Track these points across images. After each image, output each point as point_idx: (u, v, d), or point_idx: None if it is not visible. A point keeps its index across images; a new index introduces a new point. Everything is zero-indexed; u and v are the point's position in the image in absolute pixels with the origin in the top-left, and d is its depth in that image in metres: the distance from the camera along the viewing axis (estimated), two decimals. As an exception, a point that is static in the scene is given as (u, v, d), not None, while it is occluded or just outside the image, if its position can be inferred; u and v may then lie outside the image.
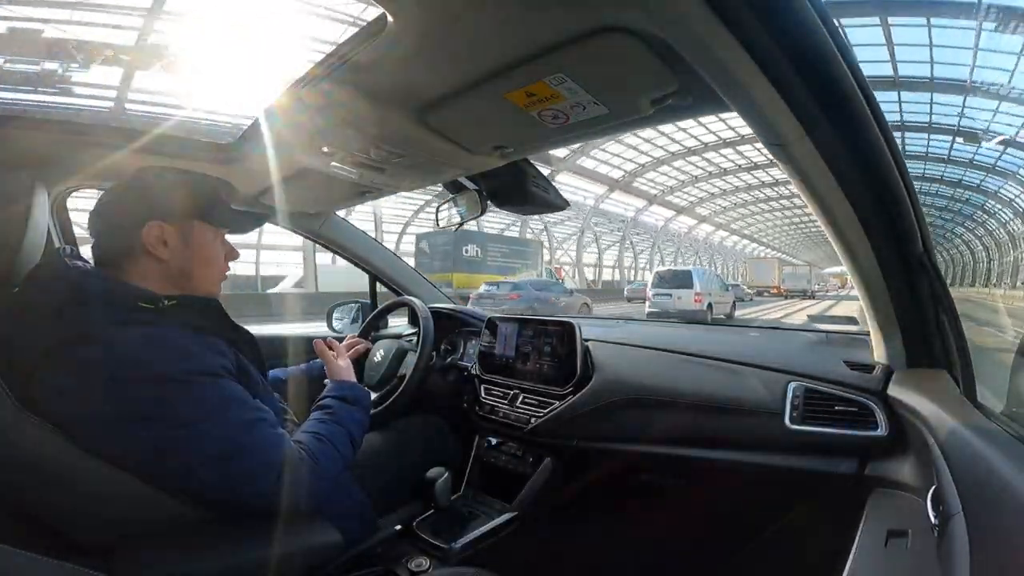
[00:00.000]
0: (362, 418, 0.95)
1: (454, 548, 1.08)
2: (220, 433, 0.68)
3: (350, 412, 0.92)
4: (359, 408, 0.96)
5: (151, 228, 0.76)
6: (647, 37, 0.56)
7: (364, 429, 0.96)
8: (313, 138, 0.92)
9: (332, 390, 0.98)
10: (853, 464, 0.95)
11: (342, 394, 0.96)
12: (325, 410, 0.91)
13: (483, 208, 1.29)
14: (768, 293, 29.38)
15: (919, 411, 0.76)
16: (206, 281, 0.84)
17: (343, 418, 0.90)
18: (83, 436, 0.64)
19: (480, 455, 1.40)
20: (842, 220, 0.77)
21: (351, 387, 1.00)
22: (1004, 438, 0.58)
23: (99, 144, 0.96)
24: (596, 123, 0.78)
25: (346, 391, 0.97)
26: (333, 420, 0.89)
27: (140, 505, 0.67)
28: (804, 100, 0.59)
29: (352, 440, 0.89)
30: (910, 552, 0.66)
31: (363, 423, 0.95)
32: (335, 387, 0.99)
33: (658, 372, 1.22)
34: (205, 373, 0.70)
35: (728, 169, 25.46)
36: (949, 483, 0.57)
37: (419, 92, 0.75)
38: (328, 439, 0.83)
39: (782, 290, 29.61)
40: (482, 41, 0.61)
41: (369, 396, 1.06)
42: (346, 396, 0.96)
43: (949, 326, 0.84)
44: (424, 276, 1.88)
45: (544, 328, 1.34)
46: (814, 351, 1.24)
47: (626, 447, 1.19)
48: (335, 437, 0.85)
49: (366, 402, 1.00)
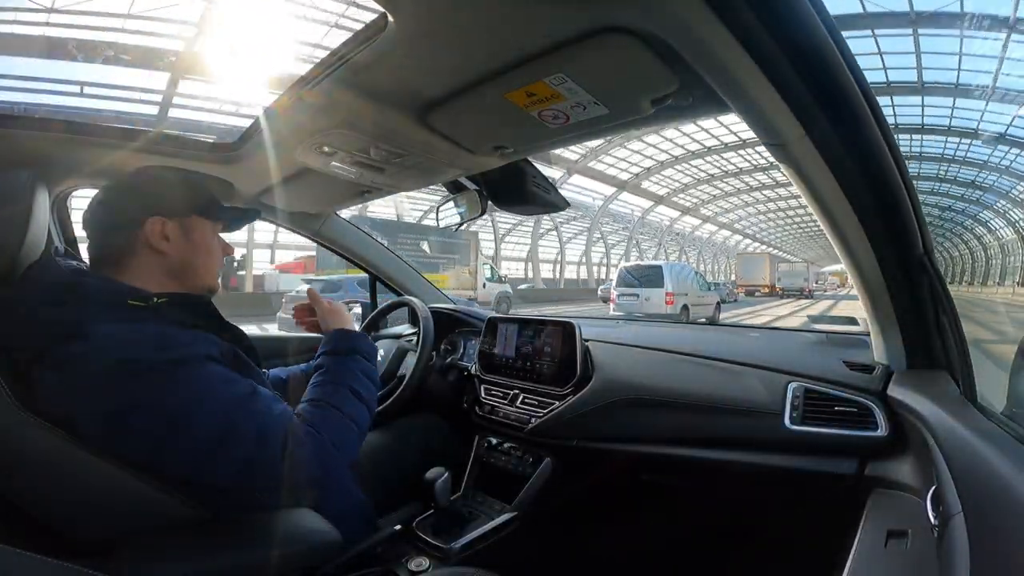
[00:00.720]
0: (363, 367, 0.87)
1: (454, 548, 1.08)
2: (211, 417, 0.67)
3: (344, 364, 0.86)
4: (354, 357, 0.88)
5: (153, 224, 0.77)
6: (647, 37, 0.56)
7: (370, 377, 0.88)
8: (313, 138, 0.92)
9: (323, 345, 0.91)
10: (853, 464, 0.95)
11: (333, 347, 0.89)
12: (319, 371, 0.86)
13: (483, 208, 1.29)
14: (759, 292, 26.82)
15: (919, 412, 0.76)
16: (208, 273, 0.85)
17: (340, 373, 0.84)
18: (78, 433, 0.64)
19: (480, 455, 1.40)
20: (842, 220, 0.77)
21: (341, 336, 0.92)
22: (1004, 439, 0.58)
23: (100, 144, 0.96)
24: (596, 123, 0.78)
25: (336, 342, 0.90)
26: (329, 380, 0.83)
27: (140, 504, 0.67)
28: (804, 100, 0.59)
29: (358, 395, 0.82)
30: (910, 552, 0.66)
31: (366, 371, 0.88)
32: (325, 340, 0.92)
33: (658, 372, 1.23)
34: (189, 359, 0.69)
35: (710, 150, 24.19)
36: (949, 483, 0.57)
37: (419, 92, 0.75)
38: (326, 402, 0.79)
39: (777, 289, 27.15)
40: (482, 41, 0.61)
41: (365, 338, 0.95)
42: (337, 348, 0.89)
43: (949, 326, 0.84)
44: (424, 276, 1.88)
45: (544, 328, 1.34)
46: (814, 351, 1.24)
47: (626, 447, 1.19)
48: (334, 397, 0.80)
49: (363, 346, 0.91)
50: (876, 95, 0.60)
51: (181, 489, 0.68)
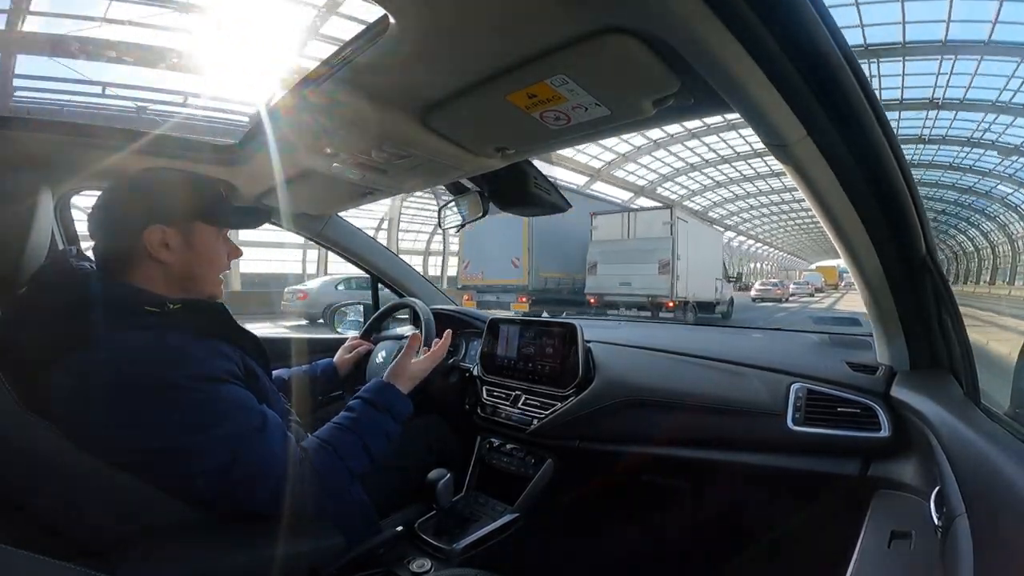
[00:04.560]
0: (387, 427, 0.89)
1: (456, 549, 1.08)
2: (220, 443, 0.67)
3: (373, 419, 0.88)
4: (387, 416, 0.90)
5: (153, 232, 0.76)
6: (648, 38, 0.56)
7: (389, 438, 0.90)
8: (315, 139, 0.92)
9: (366, 389, 0.93)
10: (856, 465, 0.95)
11: (371, 396, 0.91)
12: (347, 411, 0.88)
13: (485, 209, 1.29)
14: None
15: (922, 412, 0.76)
16: (209, 282, 0.84)
17: (363, 425, 0.86)
18: (86, 439, 0.64)
19: (482, 456, 1.40)
20: (845, 221, 0.77)
21: (387, 391, 0.94)
22: (1007, 439, 0.58)
23: (103, 145, 0.97)
24: (598, 124, 0.77)
25: (377, 394, 0.92)
26: (350, 426, 0.85)
27: (142, 506, 0.67)
28: (806, 101, 0.59)
29: (367, 449, 0.84)
30: (913, 553, 0.66)
31: (387, 432, 0.89)
32: (370, 386, 0.93)
33: (660, 373, 1.22)
34: (208, 379, 0.69)
35: (708, 162, 24.67)
36: (952, 484, 0.57)
37: (421, 93, 0.75)
38: (334, 447, 0.81)
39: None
40: (483, 42, 0.61)
41: (407, 405, 0.97)
42: (375, 401, 0.90)
43: (952, 327, 0.83)
44: (425, 277, 1.88)
45: (546, 329, 1.34)
46: (817, 352, 1.24)
47: (628, 448, 1.18)
48: (344, 446, 0.82)
49: (399, 408, 0.93)
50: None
51: (182, 495, 0.69)
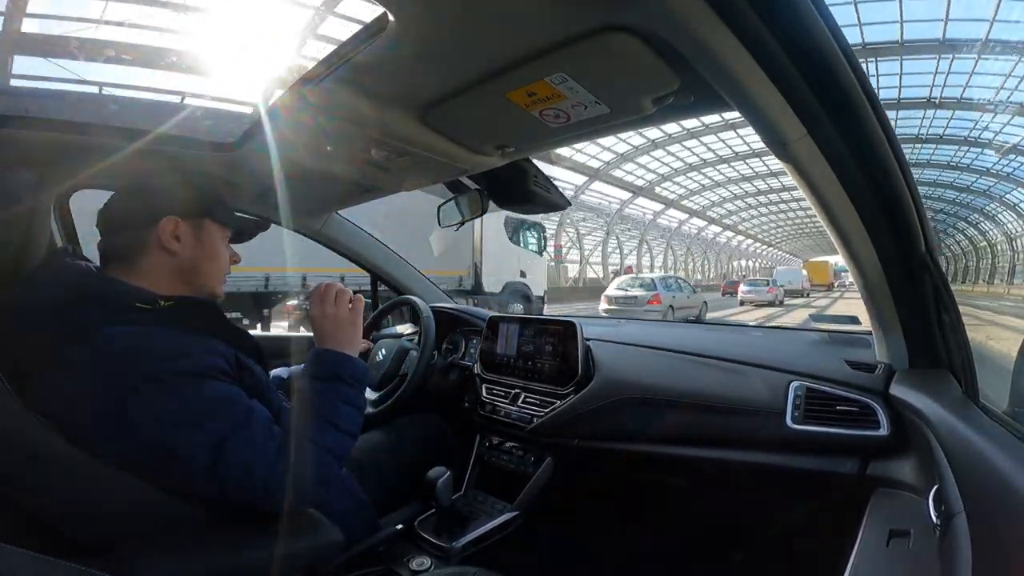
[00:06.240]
0: (342, 394, 0.80)
1: (455, 547, 1.08)
2: (205, 439, 0.66)
3: (322, 394, 0.79)
4: (334, 385, 0.80)
5: (167, 222, 0.78)
6: (648, 36, 0.56)
7: (352, 404, 0.81)
8: (315, 137, 0.92)
9: (305, 364, 0.84)
10: (855, 464, 0.95)
11: (312, 371, 0.82)
12: (297, 395, 0.80)
13: (484, 207, 1.29)
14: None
15: (921, 411, 0.76)
16: (213, 278, 0.85)
17: (317, 403, 0.78)
18: (80, 436, 0.64)
19: (481, 454, 1.40)
20: (844, 219, 0.77)
21: (323, 358, 0.84)
22: (1006, 438, 0.58)
23: (101, 144, 0.96)
24: (598, 122, 0.77)
25: (317, 365, 0.83)
26: (305, 409, 0.78)
27: (141, 504, 0.67)
28: (806, 99, 0.59)
29: (336, 426, 0.77)
30: (912, 552, 0.66)
31: (347, 399, 0.80)
32: (307, 359, 0.85)
33: (660, 371, 1.22)
34: (193, 374, 0.68)
35: (711, 160, 24.78)
36: (951, 483, 0.57)
37: (420, 91, 0.75)
38: (303, 435, 0.74)
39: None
40: (483, 40, 0.61)
41: (351, 361, 0.85)
42: (317, 373, 0.82)
43: (951, 326, 0.83)
44: (425, 275, 1.88)
45: (545, 328, 1.34)
46: (816, 351, 1.24)
47: (628, 447, 1.19)
48: (311, 430, 0.75)
49: (347, 371, 0.83)
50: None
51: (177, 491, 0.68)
